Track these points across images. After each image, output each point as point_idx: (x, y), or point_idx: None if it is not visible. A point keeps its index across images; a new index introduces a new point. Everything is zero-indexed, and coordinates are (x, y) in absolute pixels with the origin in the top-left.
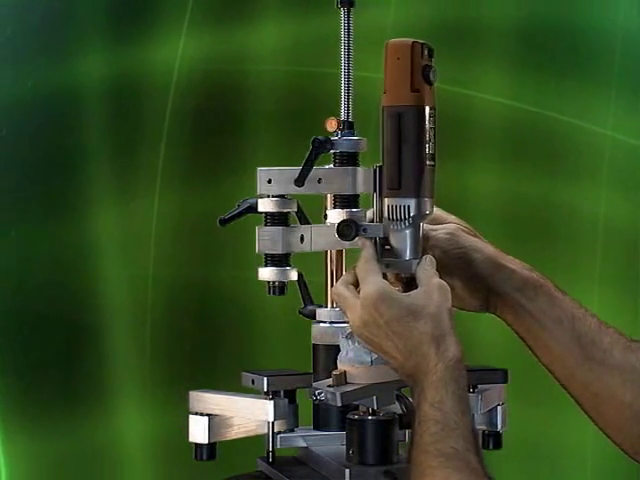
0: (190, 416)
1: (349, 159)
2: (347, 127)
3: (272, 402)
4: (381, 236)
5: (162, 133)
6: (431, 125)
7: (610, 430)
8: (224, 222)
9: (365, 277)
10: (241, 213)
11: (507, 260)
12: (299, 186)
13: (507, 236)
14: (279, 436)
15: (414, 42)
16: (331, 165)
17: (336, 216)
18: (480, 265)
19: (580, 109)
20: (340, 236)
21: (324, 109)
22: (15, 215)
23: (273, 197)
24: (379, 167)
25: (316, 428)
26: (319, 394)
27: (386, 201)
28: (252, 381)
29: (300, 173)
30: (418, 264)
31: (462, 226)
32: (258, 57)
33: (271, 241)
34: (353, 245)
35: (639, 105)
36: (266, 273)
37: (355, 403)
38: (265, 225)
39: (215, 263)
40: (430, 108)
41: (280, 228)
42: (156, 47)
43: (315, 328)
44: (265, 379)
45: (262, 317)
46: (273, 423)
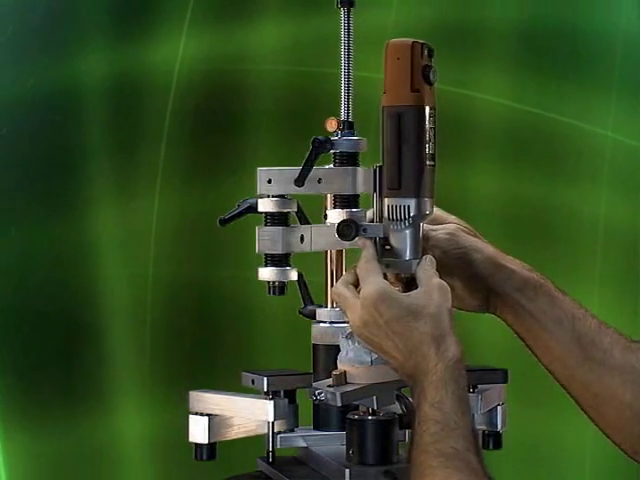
0: (190, 416)
1: (349, 159)
2: (347, 127)
3: (272, 402)
4: (381, 236)
5: (162, 132)
6: (431, 125)
7: (610, 430)
8: (224, 222)
9: (366, 277)
10: (241, 213)
11: (507, 260)
12: (299, 186)
13: (507, 237)
14: (279, 436)
15: (414, 42)
16: (331, 165)
17: (336, 216)
18: (480, 265)
19: (581, 110)
20: (340, 236)
21: (324, 109)
22: (15, 213)
23: (273, 197)
24: (379, 167)
25: (316, 428)
26: (319, 394)
27: (386, 201)
28: (252, 381)
29: (300, 173)
30: (418, 264)
31: (462, 226)
32: (258, 57)
33: (271, 241)
34: (353, 245)
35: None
36: (266, 273)
37: (355, 403)
38: (265, 225)
39: (215, 263)
40: (430, 108)
41: (280, 228)
42: (157, 47)
43: (315, 328)
44: (265, 379)
45: (262, 317)
46: (273, 423)
